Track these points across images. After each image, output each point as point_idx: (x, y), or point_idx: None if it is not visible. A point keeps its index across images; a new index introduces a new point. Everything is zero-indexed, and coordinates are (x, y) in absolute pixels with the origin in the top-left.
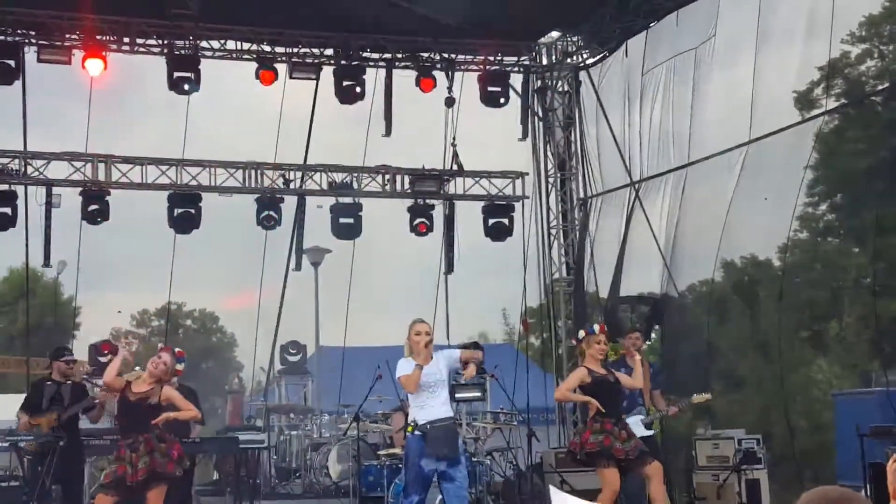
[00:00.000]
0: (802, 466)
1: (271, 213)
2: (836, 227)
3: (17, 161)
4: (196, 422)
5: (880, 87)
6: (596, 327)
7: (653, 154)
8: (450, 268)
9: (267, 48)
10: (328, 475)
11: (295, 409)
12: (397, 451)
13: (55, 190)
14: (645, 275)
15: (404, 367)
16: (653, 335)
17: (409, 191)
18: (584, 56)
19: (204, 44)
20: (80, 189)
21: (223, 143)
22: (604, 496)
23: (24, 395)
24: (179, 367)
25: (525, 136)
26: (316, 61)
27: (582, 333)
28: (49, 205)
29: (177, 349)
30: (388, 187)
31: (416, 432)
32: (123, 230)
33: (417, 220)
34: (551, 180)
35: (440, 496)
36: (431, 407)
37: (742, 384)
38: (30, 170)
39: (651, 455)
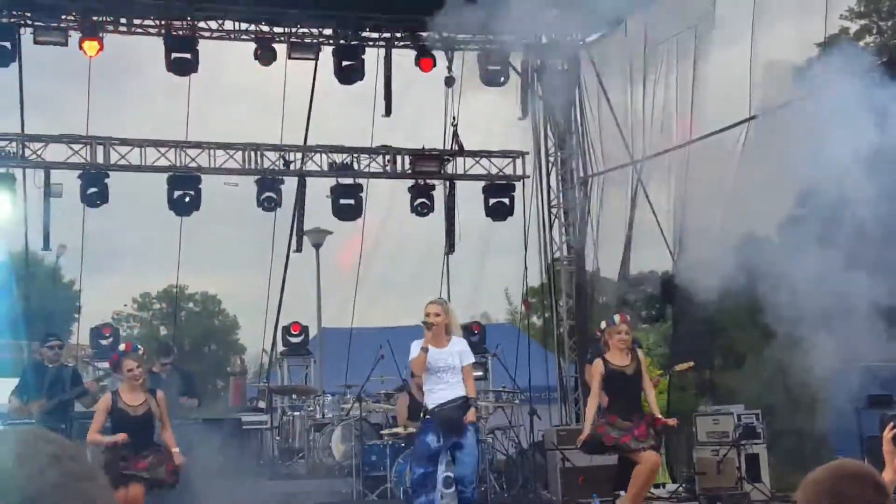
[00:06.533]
0: (802, 441)
1: (271, 194)
2: None
3: (14, 144)
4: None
5: (879, 63)
6: (616, 318)
7: (655, 132)
8: (451, 248)
9: (265, 28)
10: (331, 455)
11: (297, 390)
12: (400, 430)
13: (56, 178)
14: (654, 254)
15: (414, 349)
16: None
17: (409, 171)
18: (584, 34)
19: (202, 24)
20: (79, 172)
21: (223, 124)
22: (641, 467)
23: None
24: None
25: (525, 115)
26: (315, 41)
27: (603, 324)
28: (48, 188)
29: (122, 345)
30: (388, 168)
31: (427, 416)
32: (124, 213)
33: (418, 201)
34: (551, 159)
35: (444, 473)
36: (439, 391)
37: (743, 360)
38: (27, 152)
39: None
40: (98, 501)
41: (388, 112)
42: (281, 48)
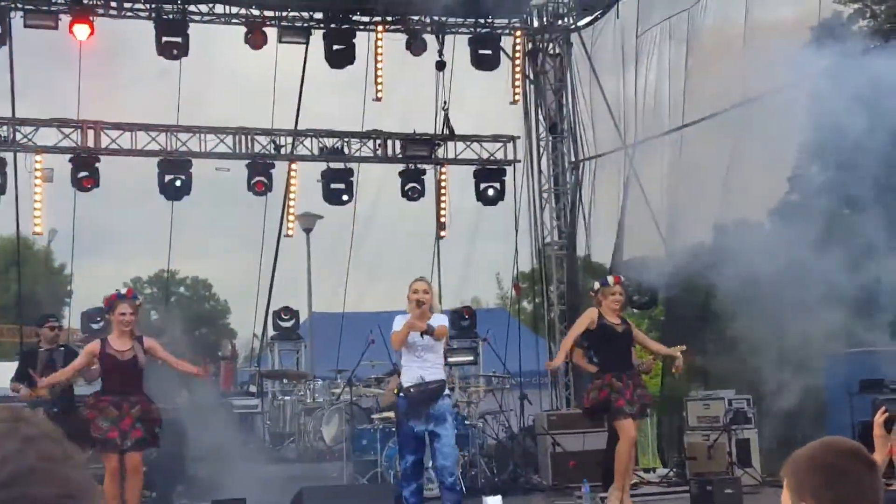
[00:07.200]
0: (793, 426)
1: (262, 178)
2: None
3: (5, 128)
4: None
5: (872, 48)
6: (610, 279)
7: (647, 117)
8: (442, 232)
9: (256, 12)
10: (322, 439)
11: (288, 374)
12: (390, 415)
13: (47, 163)
14: (646, 238)
15: (397, 323)
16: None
17: (400, 155)
18: (575, 18)
19: (192, 8)
20: (70, 156)
21: (213, 108)
22: (620, 446)
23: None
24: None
25: (516, 99)
26: (305, 25)
27: (597, 285)
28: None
29: (125, 289)
30: (379, 152)
31: (401, 394)
32: (115, 198)
33: (409, 185)
34: (543, 144)
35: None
36: (417, 369)
37: (736, 345)
38: (18, 136)
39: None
40: (75, 484)
41: (378, 96)
42: (271, 32)
